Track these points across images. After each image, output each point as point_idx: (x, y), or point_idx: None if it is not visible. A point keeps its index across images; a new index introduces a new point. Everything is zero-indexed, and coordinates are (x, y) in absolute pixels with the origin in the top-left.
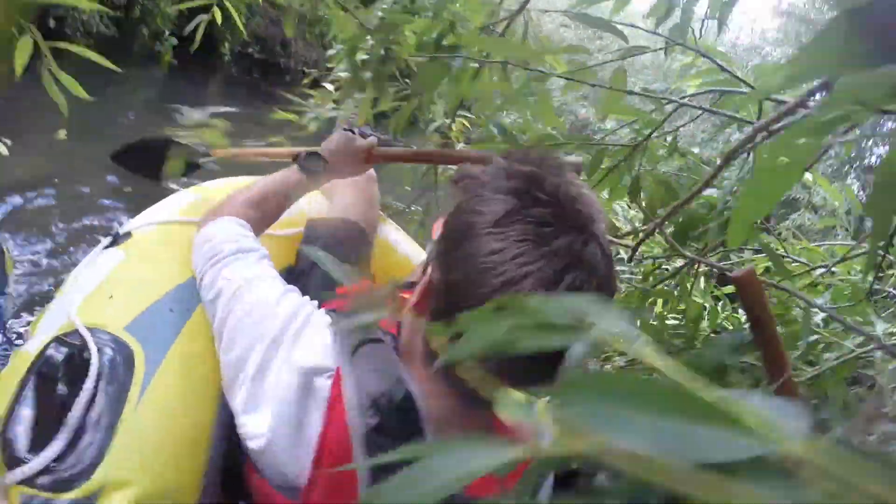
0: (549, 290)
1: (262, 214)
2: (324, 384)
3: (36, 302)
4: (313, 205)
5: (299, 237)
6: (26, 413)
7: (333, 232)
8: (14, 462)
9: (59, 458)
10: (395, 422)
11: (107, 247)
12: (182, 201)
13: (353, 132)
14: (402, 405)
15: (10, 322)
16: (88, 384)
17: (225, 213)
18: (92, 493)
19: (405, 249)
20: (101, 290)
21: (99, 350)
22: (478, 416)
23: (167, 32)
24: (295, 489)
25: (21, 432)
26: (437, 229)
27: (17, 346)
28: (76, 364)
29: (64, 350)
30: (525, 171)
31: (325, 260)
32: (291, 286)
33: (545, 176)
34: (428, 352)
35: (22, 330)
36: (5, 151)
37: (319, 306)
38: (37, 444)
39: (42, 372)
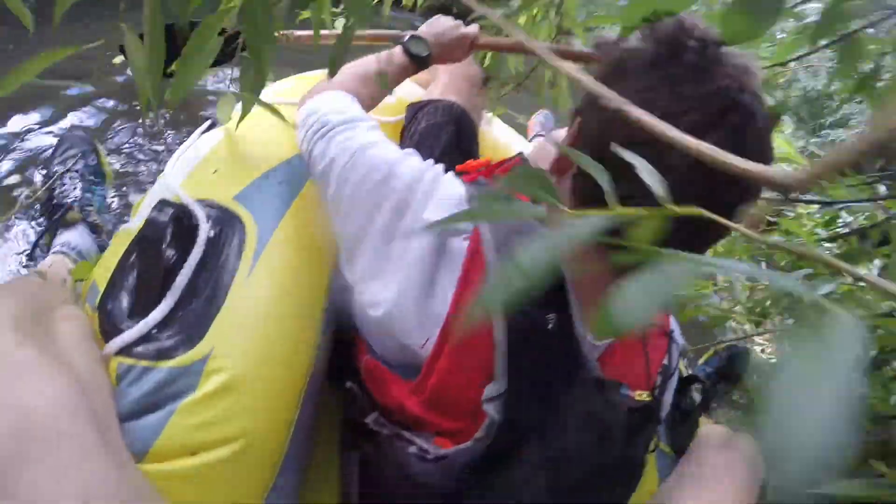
0: (709, 131)
1: (368, 92)
2: (460, 245)
3: (138, 184)
4: (409, 89)
5: (400, 125)
6: (128, 281)
7: (434, 115)
8: (113, 332)
9: (162, 326)
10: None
11: (205, 131)
12: (280, 87)
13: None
14: None
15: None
16: (196, 251)
17: (329, 88)
18: (193, 362)
19: (515, 145)
20: (204, 167)
21: (208, 218)
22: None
23: None
24: (411, 367)
25: (122, 301)
26: (532, 125)
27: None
28: (183, 231)
29: (170, 211)
30: (674, 23)
31: None
32: (411, 150)
33: (694, 27)
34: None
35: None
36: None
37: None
38: (138, 311)
39: (146, 235)
